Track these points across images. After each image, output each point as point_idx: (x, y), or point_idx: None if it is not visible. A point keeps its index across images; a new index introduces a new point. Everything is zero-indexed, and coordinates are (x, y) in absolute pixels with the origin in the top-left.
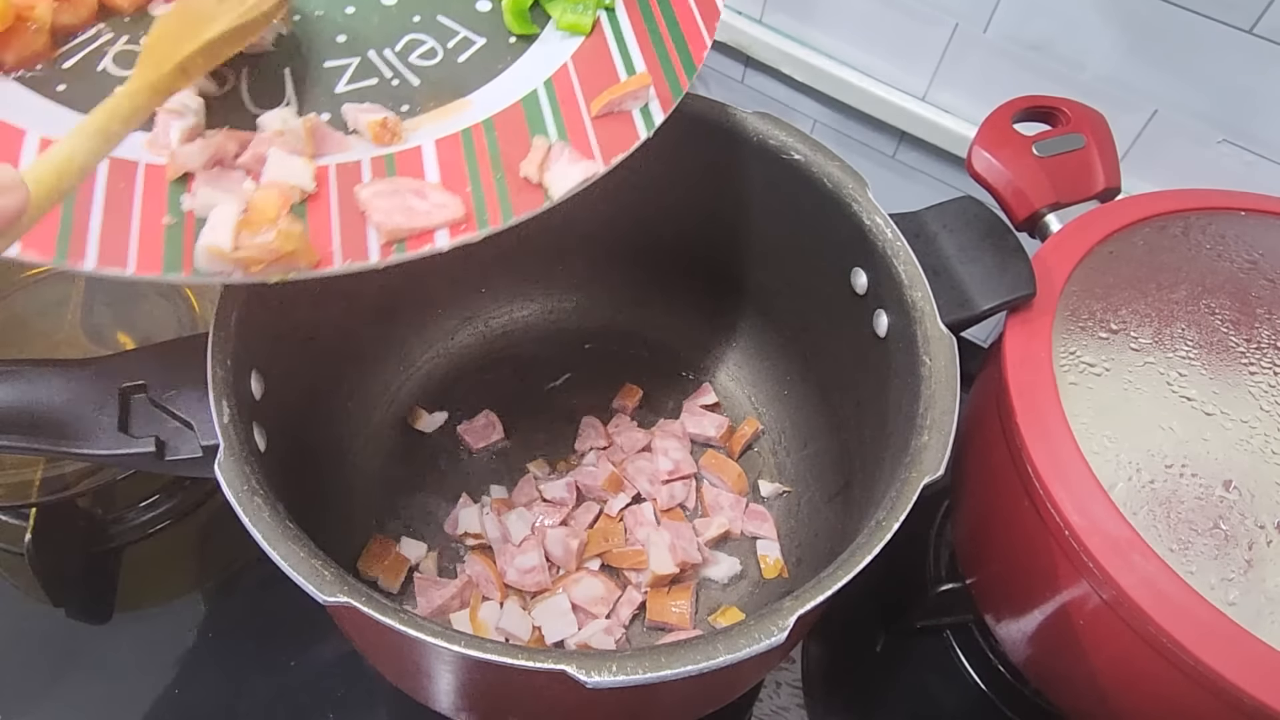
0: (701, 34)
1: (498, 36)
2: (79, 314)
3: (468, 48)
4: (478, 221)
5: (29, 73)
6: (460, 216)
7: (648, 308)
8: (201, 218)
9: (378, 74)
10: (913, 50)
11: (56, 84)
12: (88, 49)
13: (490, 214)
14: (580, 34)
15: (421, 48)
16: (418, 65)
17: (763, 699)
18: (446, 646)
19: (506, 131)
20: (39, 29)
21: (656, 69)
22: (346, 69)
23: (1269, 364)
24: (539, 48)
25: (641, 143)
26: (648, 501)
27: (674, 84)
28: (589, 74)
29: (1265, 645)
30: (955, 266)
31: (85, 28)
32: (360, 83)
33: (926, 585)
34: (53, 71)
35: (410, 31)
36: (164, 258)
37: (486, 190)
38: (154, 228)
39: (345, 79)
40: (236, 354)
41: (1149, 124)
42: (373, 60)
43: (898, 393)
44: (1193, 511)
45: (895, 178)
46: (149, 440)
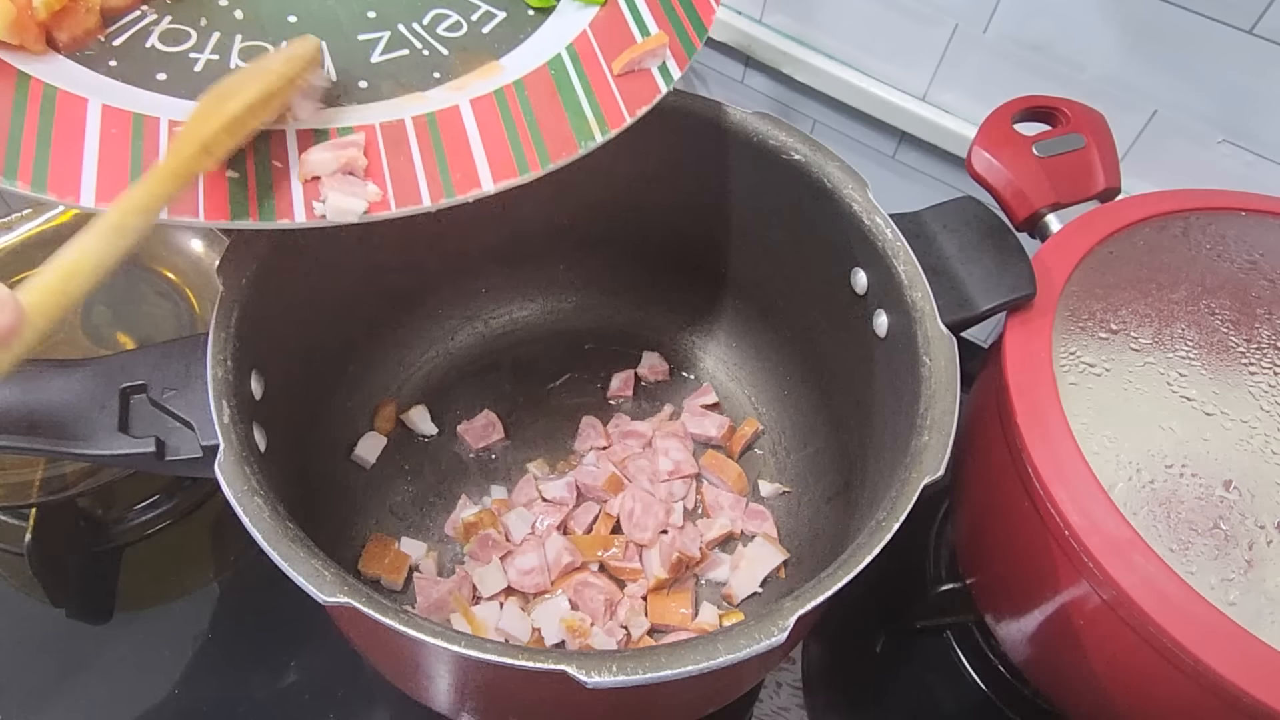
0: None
1: (517, 9)
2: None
3: (490, 20)
4: (519, 168)
5: (82, 52)
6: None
7: (647, 308)
8: None
9: (409, 45)
10: (913, 50)
11: (109, 60)
12: (135, 28)
13: (530, 160)
14: (596, 4)
15: (447, 20)
16: (445, 36)
17: (763, 699)
18: (446, 647)
19: (535, 90)
20: (90, 9)
21: (669, 31)
22: (379, 41)
23: (1269, 364)
24: (556, 19)
25: (663, 95)
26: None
27: (687, 44)
28: (607, 38)
29: (1265, 645)
30: (955, 266)
31: (131, 9)
32: (394, 53)
33: (926, 585)
34: (104, 49)
35: (435, 6)
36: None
37: (524, 140)
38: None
39: (379, 50)
40: (236, 354)
41: (1149, 124)
42: (403, 32)
43: (898, 393)
44: (1193, 511)
45: (895, 178)
46: (149, 440)
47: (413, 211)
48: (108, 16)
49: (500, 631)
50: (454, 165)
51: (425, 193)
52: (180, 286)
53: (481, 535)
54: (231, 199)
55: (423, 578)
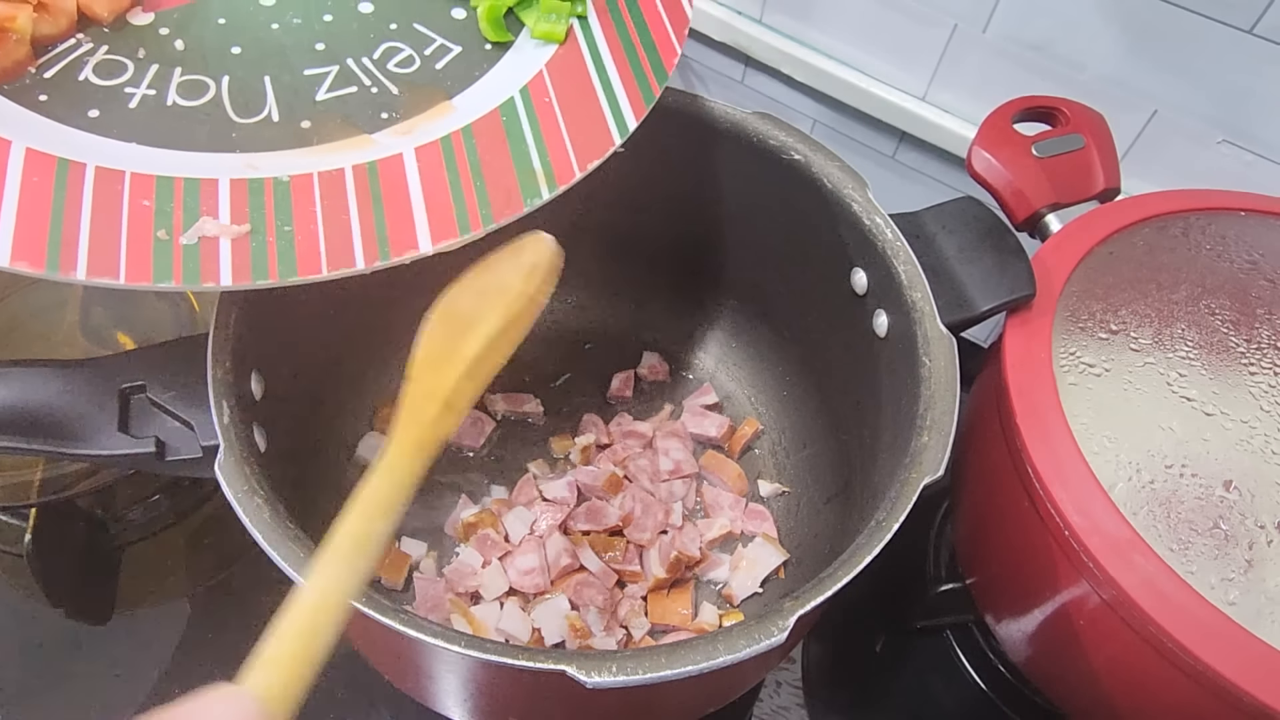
0: (672, 42)
1: (473, 44)
2: (78, 315)
3: (444, 55)
4: (460, 227)
5: (11, 85)
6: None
7: (647, 308)
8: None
9: (357, 82)
10: (912, 50)
11: (39, 93)
12: (68, 59)
13: (471, 220)
14: (555, 42)
15: (399, 55)
16: (396, 73)
17: (763, 699)
18: (446, 647)
19: (485, 139)
20: (20, 39)
21: (629, 77)
22: (326, 77)
23: (1269, 364)
24: (514, 55)
25: (615, 149)
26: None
27: (646, 92)
28: (564, 82)
29: (1265, 645)
30: (955, 267)
31: (65, 38)
32: (341, 90)
33: (926, 585)
34: (35, 81)
35: (387, 39)
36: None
37: (467, 196)
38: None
39: (325, 86)
40: (236, 354)
41: (1149, 124)
42: (351, 68)
43: (898, 393)
44: (1193, 511)
45: (895, 178)
46: (149, 440)
47: (346, 274)
48: (39, 45)
49: (500, 631)
50: (392, 223)
51: (359, 254)
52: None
53: (481, 535)
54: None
55: (423, 578)
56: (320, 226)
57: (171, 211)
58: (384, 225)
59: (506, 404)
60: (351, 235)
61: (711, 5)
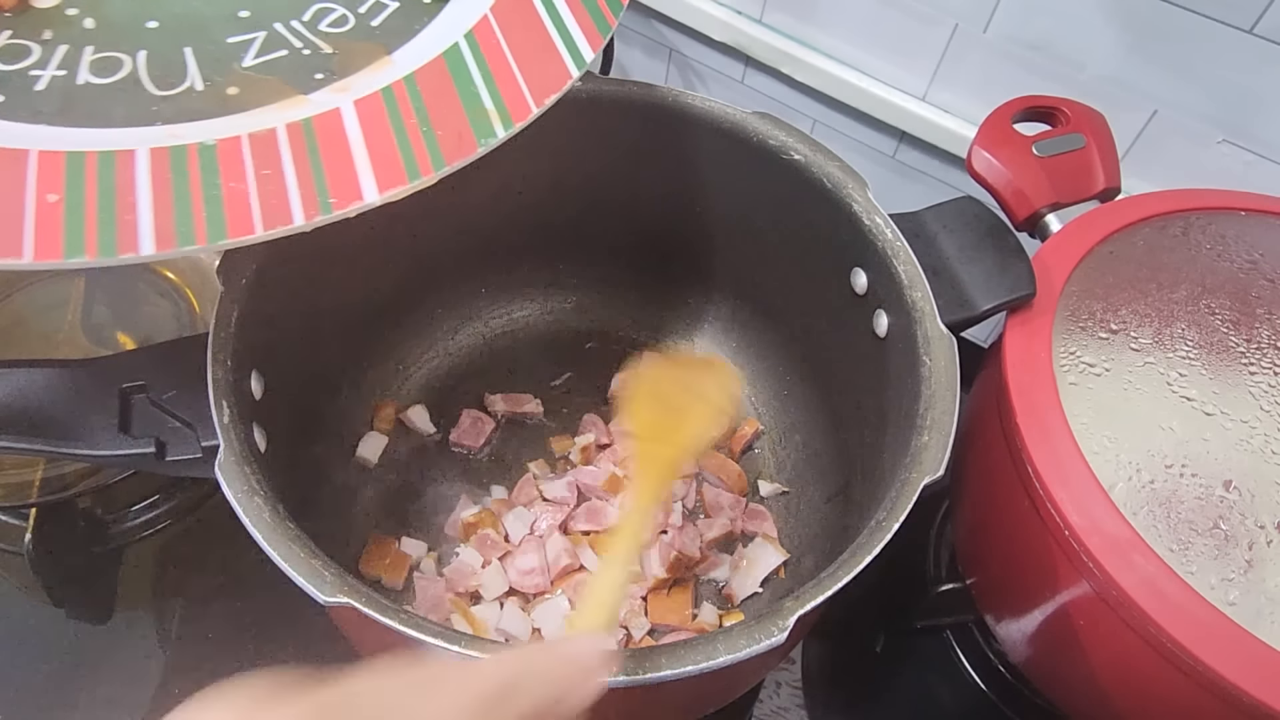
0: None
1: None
2: (79, 314)
3: (380, 12)
4: (409, 173)
5: None
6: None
7: (647, 308)
8: None
9: (287, 45)
10: (913, 50)
11: None
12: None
13: (420, 165)
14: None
15: (331, 15)
16: (329, 33)
17: (763, 699)
18: (446, 647)
19: (429, 85)
20: None
21: (580, 8)
22: (252, 43)
23: (1269, 364)
24: (455, 5)
25: (575, 81)
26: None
27: (601, 22)
28: (511, 21)
29: (1265, 645)
30: (955, 266)
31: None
32: (269, 55)
33: (926, 585)
34: None
35: (318, 1)
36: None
37: (414, 142)
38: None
39: (252, 53)
40: (236, 354)
41: (1149, 124)
42: (280, 32)
43: (898, 393)
44: (1193, 511)
45: (895, 178)
46: (149, 440)
47: (284, 233)
48: None
49: (500, 631)
50: (333, 176)
51: (298, 210)
52: (180, 286)
53: (481, 535)
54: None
55: (423, 578)
56: (252, 186)
57: (83, 186)
58: (324, 179)
59: (506, 404)
60: (287, 192)
61: (711, 5)
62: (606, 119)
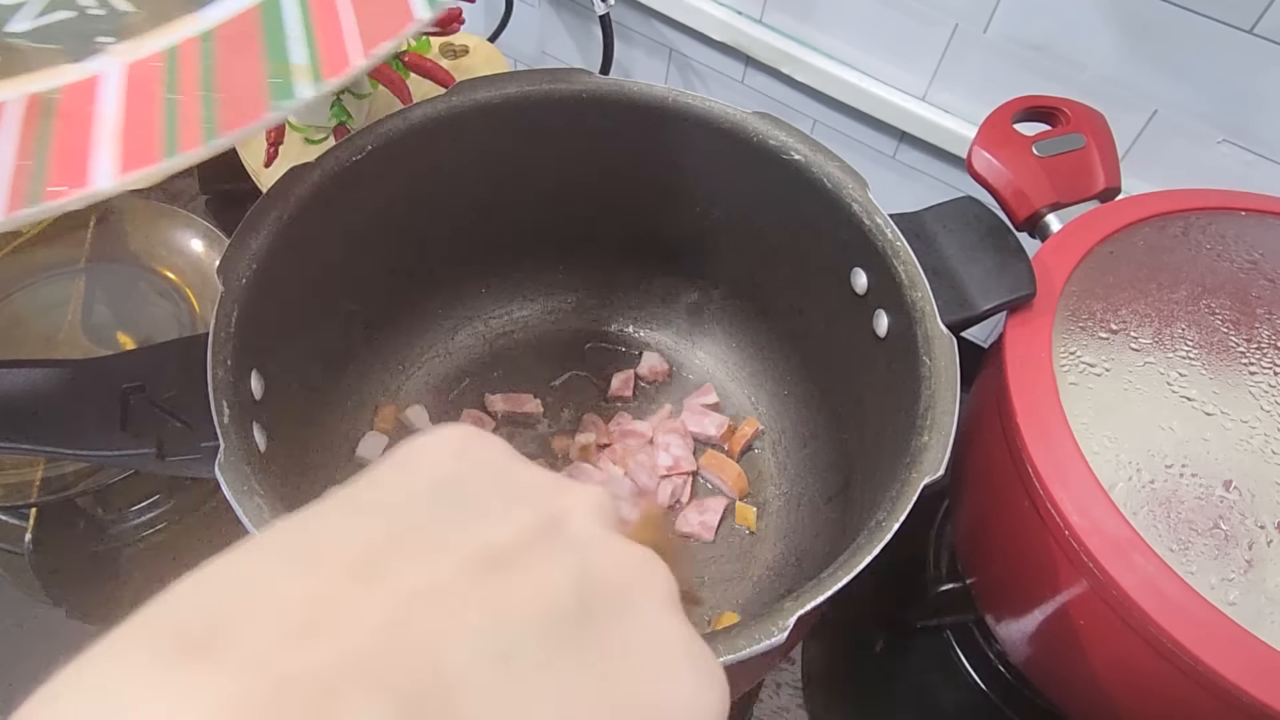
0: None
1: None
2: (79, 314)
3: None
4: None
5: None
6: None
7: (647, 308)
8: None
9: (73, 7)
10: (913, 50)
11: None
12: None
13: (184, 139)
14: None
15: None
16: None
17: (763, 699)
18: None
19: (229, 41)
20: None
21: None
22: (26, 5)
23: (1269, 364)
24: None
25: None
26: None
27: None
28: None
29: (1265, 645)
30: (955, 266)
31: None
32: (49, 18)
33: (926, 585)
34: None
35: None
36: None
37: (185, 113)
38: None
39: (27, 16)
40: (236, 354)
41: (1149, 124)
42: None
43: (898, 393)
44: (1193, 511)
45: (895, 178)
46: (149, 440)
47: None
48: None
49: None
50: (58, 159)
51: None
52: (180, 286)
53: None
54: None
55: None
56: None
57: None
58: (45, 163)
59: (506, 404)
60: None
61: (711, 5)
62: (606, 119)
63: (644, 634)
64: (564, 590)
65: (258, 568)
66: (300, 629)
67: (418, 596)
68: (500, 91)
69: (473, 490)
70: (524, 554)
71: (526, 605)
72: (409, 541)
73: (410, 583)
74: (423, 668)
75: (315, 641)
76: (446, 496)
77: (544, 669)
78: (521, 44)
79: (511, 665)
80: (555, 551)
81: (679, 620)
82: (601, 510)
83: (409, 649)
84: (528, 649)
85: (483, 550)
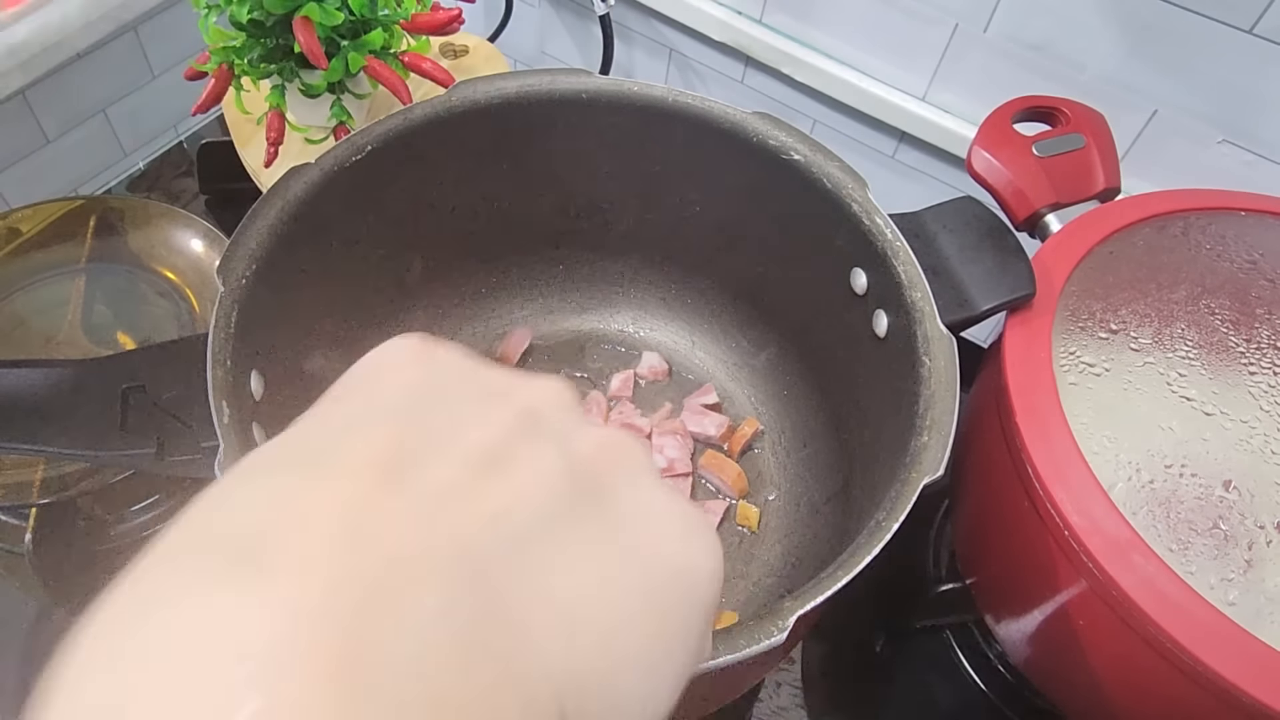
0: None
1: None
2: (79, 314)
3: None
4: None
5: None
6: None
7: (647, 307)
8: None
9: None
10: (913, 50)
11: None
12: None
13: None
14: None
15: None
16: None
17: (763, 699)
18: None
19: None
20: None
21: None
22: None
23: (1269, 364)
24: None
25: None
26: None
27: None
28: None
29: (1265, 645)
30: (955, 266)
31: None
32: None
33: (926, 585)
34: None
35: None
36: None
37: None
38: None
39: None
40: (236, 354)
41: (1149, 124)
42: None
43: (898, 393)
44: (1193, 511)
45: (895, 178)
46: (149, 440)
47: None
48: None
49: None
50: None
51: None
52: (180, 286)
53: None
54: None
55: None
56: None
57: None
58: None
59: None
60: None
61: (711, 5)
62: (606, 119)
63: (640, 505)
64: (558, 475)
65: (281, 479)
66: (343, 535)
67: (439, 495)
68: (500, 91)
69: (447, 393)
70: (513, 448)
71: (531, 493)
72: (415, 444)
73: (431, 483)
74: (460, 561)
75: (360, 545)
76: (425, 400)
77: (564, 545)
78: (521, 44)
79: (534, 545)
80: (539, 441)
81: (667, 489)
82: (565, 398)
83: (444, 544)
84: (545, 529)
85: (478, 448)
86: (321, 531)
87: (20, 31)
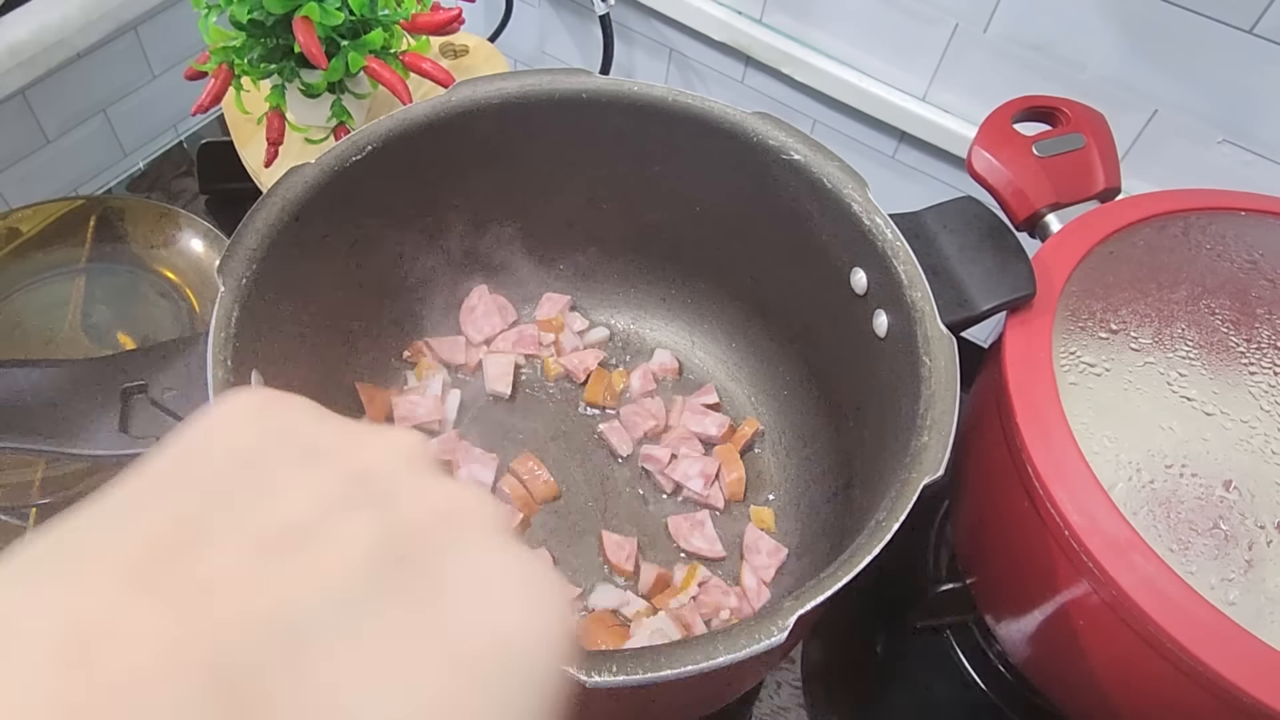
0: None
1: None
2: (79, 314)
3: None
4: None
5: None
6: None
7: (647, 307)
8: None
9: None
10: (913, 50)
11: None
12: None
13: None
14: None
15: None
16: None
17: (763, 699)
18: None
19: None
20: None
21: None
22: None
23: (1269, 364)
24: None
25: None
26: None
27: None
28: None
29: (1265, 645)
30: (955, 266)
31: None
32: None
33: (926, 585)
34: None
35: None
36: None
37: None
38: None
39: None
40: (236, 354)
41: (1149, 124)
42: None
43: (898, 393)
44: (1193, 511)
45: (895, 178)
46: (149, 440)
47: None
48: None
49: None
50: None
51: None
52: (180, 286)
53: None
54: None
55: None
56: None
57: None
58: None
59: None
60: None
61: (711, 5)
62: (606, 119)
63: (468, 570)
64: (368, 549)
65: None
66: (64, 654)
67: (206, 588)
68: (500, 91)
69: (268, 457)
70: (322, 523)
71: (328, 573)
72: (198, 526)
73: (202, 574)
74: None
75: (83, 663)
76: (240, 469)
77: (360, 631)
78: (521, 44)
79: (319, 638)
80: (357, 510)
81: (506, 549)
82: (410, 454)
83: (193, 649)
84: (335, 615)
85: (278, 527)
86: (37, 652)
87: (20, 31)
